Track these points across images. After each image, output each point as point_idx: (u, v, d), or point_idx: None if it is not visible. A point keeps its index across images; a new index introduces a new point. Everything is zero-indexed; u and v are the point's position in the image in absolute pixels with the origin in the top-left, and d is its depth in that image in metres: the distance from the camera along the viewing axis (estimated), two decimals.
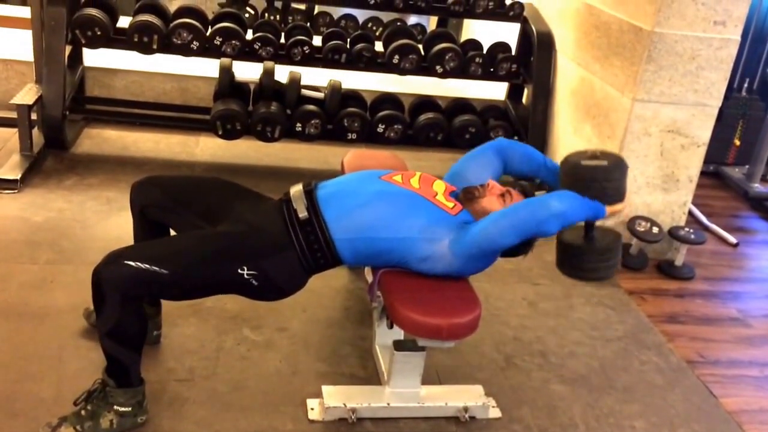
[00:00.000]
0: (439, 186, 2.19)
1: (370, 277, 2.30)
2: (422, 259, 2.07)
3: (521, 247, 2.13)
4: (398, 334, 2.26)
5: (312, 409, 2.21)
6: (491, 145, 2.35)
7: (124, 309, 1.87)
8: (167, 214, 2.20)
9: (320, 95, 3.82)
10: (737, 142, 4.77)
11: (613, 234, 2.24)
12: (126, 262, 1.85)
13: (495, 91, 4.63)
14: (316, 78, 4.00)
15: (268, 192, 2.31)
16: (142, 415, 2.02)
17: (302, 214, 2.06)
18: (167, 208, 2.19)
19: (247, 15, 4.56)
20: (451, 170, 2.37)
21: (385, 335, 2.38)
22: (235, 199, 2.19)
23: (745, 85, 4.70)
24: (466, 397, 2.31)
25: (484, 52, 4.14)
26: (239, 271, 1.96)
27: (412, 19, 5.49)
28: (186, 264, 1.93)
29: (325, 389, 2.25)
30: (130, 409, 1.99)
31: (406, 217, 2.05)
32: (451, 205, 2.12)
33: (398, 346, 2.21)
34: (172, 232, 2.27)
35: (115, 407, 1.97)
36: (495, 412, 2.32)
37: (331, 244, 2.06)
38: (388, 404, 2.23)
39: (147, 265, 1.86)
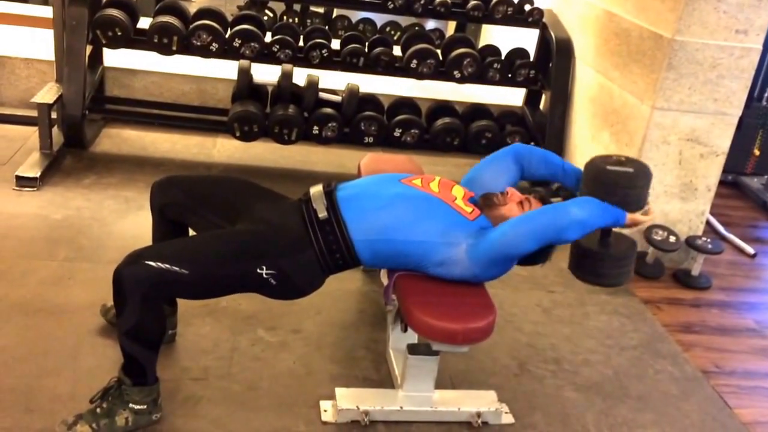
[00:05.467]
0: (458, 191, 2.20)
1: (385, 280, 2.31)
2: (439, 263, 2.07)
3: (539, 255, 2.13)
4: (412, 337, 2.26)
5: (325, 410, 2.22)
6: (508, 151, 2.35)
7: (145, 309, 1.88)
8: (187, 213, 2.22)
9: (338, 99, 3.83)
10: (757, 152, 4.73)
11: (629, 241, 2.23)
12: (147, 262, 1.87)
13: (512, 96, 4.63)
14: (333, 81, 4.02)
15: (284, 194, 2.32)
16: (156, 412, 2.03)
17: (322, 214, 2.07)
18: (187, 207, 2.21)
19: (266, 18, 4.59)
20: (468, 175, 2.37)
21: (399, 339, 2.38)
22: (255, 198, 2.20)
23: (766, 94, 4.64)
24: (479, 402, 2.31)
25: (503, 57, 4.13)
26: (258, 270, 1.97)
27: (431, 24, 5.50)
28: (206, 263, 1.94)
29: (339, 391, 2.26)
30: (145, 406, 2.00)
31: (424, 221, 2.06)
32: (469, 210, 2.12)
33: (412, 349, 2.21)
34: (191, 232, 2.28)
35: (131, 405, 1.98)
36: (508, 418, 2.32)
37: (350, 244, 2.06)
38: (401, 408, 2.23)
39: (168, 265, 1.87)
